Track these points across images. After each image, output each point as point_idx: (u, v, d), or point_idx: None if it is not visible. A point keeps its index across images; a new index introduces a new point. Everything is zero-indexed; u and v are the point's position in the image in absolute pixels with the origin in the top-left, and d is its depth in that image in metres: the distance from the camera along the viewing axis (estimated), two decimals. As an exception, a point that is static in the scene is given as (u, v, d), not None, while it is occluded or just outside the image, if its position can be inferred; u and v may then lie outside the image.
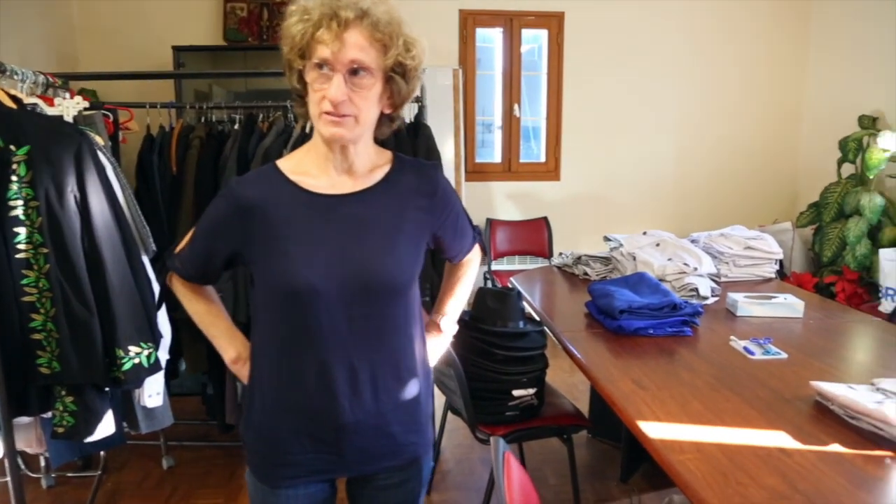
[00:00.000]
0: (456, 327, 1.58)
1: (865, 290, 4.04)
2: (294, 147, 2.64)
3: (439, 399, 2.74)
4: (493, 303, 2.27)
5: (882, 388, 1.58)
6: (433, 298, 2.90)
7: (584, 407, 2.97)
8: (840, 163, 4.35)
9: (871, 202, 4.00)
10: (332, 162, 1.25)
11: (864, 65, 4.51)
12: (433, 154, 2.85)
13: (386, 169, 1.31)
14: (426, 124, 2.90)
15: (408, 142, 2.80)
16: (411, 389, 1.32)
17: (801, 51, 5.07)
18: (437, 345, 1.53)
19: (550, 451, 3.05)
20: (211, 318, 1.41)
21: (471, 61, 4.83)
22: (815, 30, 4.99)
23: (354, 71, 1.14)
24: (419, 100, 2.94)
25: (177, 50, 4.30)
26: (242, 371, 1.38)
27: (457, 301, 1.57)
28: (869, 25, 4.47)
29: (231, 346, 1.39)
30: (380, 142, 1.33)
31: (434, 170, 1.37)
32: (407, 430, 1.33)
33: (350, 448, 1.28)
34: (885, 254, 3.71)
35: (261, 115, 2.97)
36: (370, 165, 1.29)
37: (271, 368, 1.28)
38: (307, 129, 2.69)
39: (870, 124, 4.28)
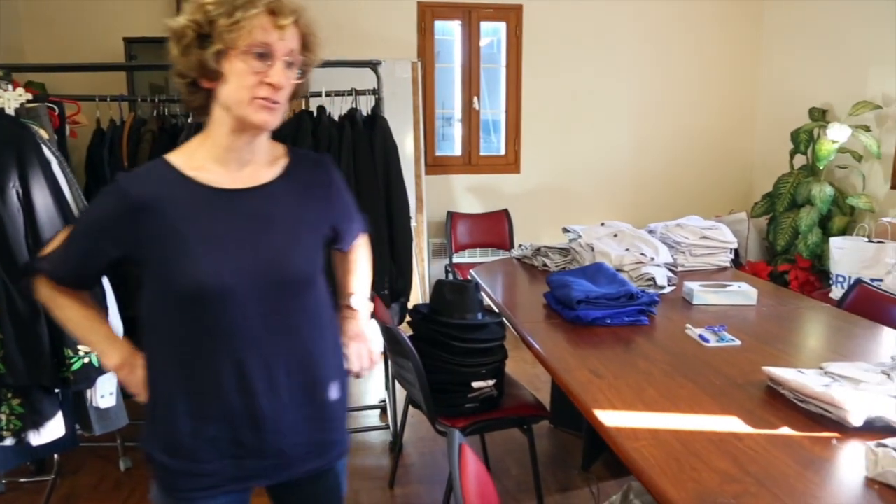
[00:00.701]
0: (370, 305, 1.52)
1: (817, 277, 4.15)
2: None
3: (400, 393, 2.73)
4: (451, 295, 2.26)
5: (830, 372, 1.62)
6: (392, 291, 2.89)
7: (545, 397, 2.98)
8: (792, 154, 4.45)
9: (822, 192, 4.11)
10: (235, 153, 1.22)
11: (814, 59, 4.63)
12: (391, 147, 2.82)
13: (283, 162, 1.30)
14: (383, 117, 2.86)
15: (364, 135, 2.76)
16: (327, 384, 1.30)
17: (754, 45, 5.17)
18: (358, 326, 1.46)
19: (513, 441, 3.07)
20: (89, 323, 1.30)
21: (430, 54, 4.81)
22: (767, 24, 5.10)
23: (289, 62, 1.16)
24: (376, 92, 2.89)
25: (128, 42, 4.20)
26: (130, 378, 1.28)
27: (359, 278, 1.52)
28: (818, 20, 4.58)
29: (114, 352, 1.29)
30: (338, 133, 1.33)
31: (328, 161, 1.38)
32: (322, 428, 1.31)
33: (270, 449, 1.25)
34: (835, 242, 3.82)
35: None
36: (269, 157, 1.29)
37: (180, 374, 1.21)
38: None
39: (819, 116, 4.39)
